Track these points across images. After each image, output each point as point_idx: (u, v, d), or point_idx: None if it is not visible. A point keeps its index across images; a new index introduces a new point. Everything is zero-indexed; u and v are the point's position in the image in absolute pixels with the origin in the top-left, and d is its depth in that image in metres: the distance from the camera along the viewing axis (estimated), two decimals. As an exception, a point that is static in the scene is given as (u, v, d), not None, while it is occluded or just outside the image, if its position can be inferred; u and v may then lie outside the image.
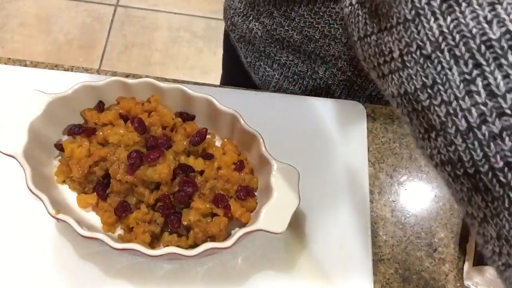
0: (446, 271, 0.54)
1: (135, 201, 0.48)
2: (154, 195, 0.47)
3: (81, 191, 0.49)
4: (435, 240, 0.55)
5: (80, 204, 0.49)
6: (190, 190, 0.48)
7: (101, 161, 0.48)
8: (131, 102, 0.51)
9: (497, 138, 0.25)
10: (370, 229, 0.54)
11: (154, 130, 0.50)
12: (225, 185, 0.49)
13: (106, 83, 0.51)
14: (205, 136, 0.51)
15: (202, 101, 0.51)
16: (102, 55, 1.71)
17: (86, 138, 0.50)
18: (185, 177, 0.48)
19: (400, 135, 0.61)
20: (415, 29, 0.28)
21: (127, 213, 0.47)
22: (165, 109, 0.52)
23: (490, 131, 0.25)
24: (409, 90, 0.29)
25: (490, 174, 0.26)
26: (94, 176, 0.49)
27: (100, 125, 0.51)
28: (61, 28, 1.74)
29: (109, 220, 0.47)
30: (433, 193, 0.58)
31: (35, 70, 0.58)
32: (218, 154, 0.51)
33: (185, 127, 0.51)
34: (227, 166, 0.50)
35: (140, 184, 0.47)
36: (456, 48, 0.26)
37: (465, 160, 0.27)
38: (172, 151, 0.49)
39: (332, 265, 0.51)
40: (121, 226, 0.48)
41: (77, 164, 0.48)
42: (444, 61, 0.27)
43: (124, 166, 0.47)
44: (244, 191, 0.49)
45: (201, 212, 0.47)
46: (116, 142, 0.49)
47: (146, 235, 0.46)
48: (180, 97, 0.52)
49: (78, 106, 0.51)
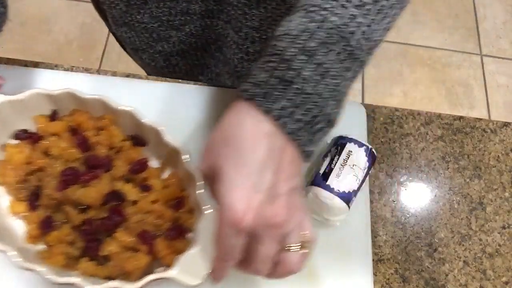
0: (446, 271, 0.54)
1: (62, 219, 0.46)
2: (81, 216, 0.45)
3: (16, 197, 0.48)
4: (435, 240, 0.55)
5: (12, 210, 0.47)
6: (118, 219, 0.45)
7: (39, 171, 0.47)
8: (83, 116, 0.50)
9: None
10: (370, 229, 0.54)
11: (99, 150, 0.48)
12: (157, 221, 0.46)
13: (59, 94, 0.49)
14: (146, 167, 0.49)
15: (151, 130, 0.49)
16: (102, 55, 1.71)
17: (30, 145, 0.48)
18: (116, 205, 0.46)
19: (400, 135, 0.61)
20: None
21: (49, 230, 0.45)
22: (116, 130, 0.50)
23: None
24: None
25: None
26: (29, 185, 0.47)
27: (49, 134, 0.49)
28: (61, 28, 1.74)
29: (33, 232, 0.45)
30: (433, 193, 0.58)
31: (35, 70, 0.58)
32: (159, 186, 0.48)
33: (131, 152, 0.49)
34: (164, 201, 0.48)
35: (69, 203, 0.45)
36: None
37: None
38: (109, 175, 0.47)
39: (332, 265, 0.51)
40: (44, 241, 0.46)
41: (13, 169, 0.47)
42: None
43: (56, 181, 0.45)
44: (176, 231, 0.46)
45: (123, 245, 0.45)
46: (56, 155, 0.47)
47: (61, 257, 0.44)
48: (131, 121, 0.50)
49: (33, 112, 0.50)
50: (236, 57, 0.66)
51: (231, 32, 0.62)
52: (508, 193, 0.59)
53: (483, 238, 0.56)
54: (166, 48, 0.67)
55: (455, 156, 0.61)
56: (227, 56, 0.68)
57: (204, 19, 0.61)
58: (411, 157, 0.60)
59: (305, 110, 0.35)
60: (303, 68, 0.35)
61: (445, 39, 1.89)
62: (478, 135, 0.63)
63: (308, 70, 0.35)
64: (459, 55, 1.87)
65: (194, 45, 0.67)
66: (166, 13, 0.61)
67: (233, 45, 0.64)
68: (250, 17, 0.58)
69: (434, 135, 0.62)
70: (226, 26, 0.62)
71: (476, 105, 1.77)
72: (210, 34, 0.64)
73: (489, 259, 0.55)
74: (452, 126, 0.63)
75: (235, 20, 0.59)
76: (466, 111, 1.74)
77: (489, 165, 0.61)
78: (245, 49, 0.64)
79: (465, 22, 1.96)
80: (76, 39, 1.73)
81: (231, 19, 0.60)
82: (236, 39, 0.63)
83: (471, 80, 1.82)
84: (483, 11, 1.98)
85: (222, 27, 0.62)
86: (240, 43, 0.63)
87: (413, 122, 0.63)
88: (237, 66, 0.68)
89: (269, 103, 0.35)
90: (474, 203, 0.58)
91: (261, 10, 0.57)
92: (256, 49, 0.64)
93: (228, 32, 0.63)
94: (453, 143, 0.62)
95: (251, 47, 0.64)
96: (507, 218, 0.58)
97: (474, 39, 1.92)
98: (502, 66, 1.87)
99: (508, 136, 0.63)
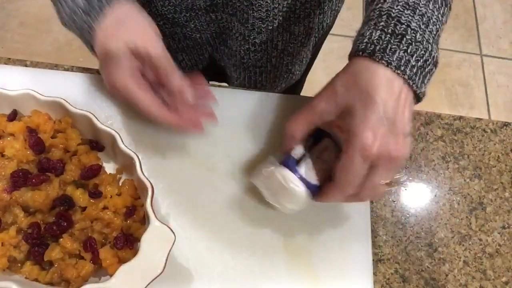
0: (446, 271, 0.54)
1: (10, 221, 0.45)
2: (28, 219, 0.45)
3: None
4: (435, 240, 0.55)
5: None
6: (64, 224, 0.45)
7: None
8: (42, 118, 0.50)
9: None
10: (370, 229, 0.54)
11: (54, 152, 0.48)
12: (104, 229, 0.46)
13: (17, 94, 0.49)
14: (98, 172, 0.48)
15: (108, 136, 0.49)
16: (102, 55, 1.71)
17: None
18: (63, 210, 0.45)
19: (400, 135, 0.61)
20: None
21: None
22: (74, 133, 0.50)
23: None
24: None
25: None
26: None
27: (6, 134, 0.49)
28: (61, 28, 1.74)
29: None
30: (433, 193, 0.58)
31: (35, 70, 0.58)
32: (112, 193, 0.48)
33: (86, 157, 0.49)
34: (115, 209, 0.47)
35: (17, 205, 0.45)
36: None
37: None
38: (60, 179, 0.47)
39: (332, 265, 0.51)
40: None
41: None
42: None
43: (5, 182, 0.45)
44: (123, 240, 0.46)
45: (67, 251, 0.44)
46: (10, 156, 0.47)
47: (3, 259, 0.43)
48: (88, 125, 0.49)
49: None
50: (242, 48, 0.67)
51: (236, 24, 0.62)
52: (508, 193, 0.59)
53: (483, 238, 0.56)
54: (172, 45, 0.68)
55: (455, 156, 0.61)
56: (233, 49, 0.68)
57: (209, 14, 0.62)
58: (411, 157, 0.60)
59: (418, 56, 0.41)
60: (410, 21, 0.41)
61: (445, 39, 1.89)
62: (478, 135, 0.63)
63: (414, 22, 0.41)
64: (459, 55, 1.87)
65: (199, 40, 0.67)
66: (171, 11, 0.61)
67: (239, 37, 0.65)
68: (257, 8, 0.59)
69: (434, 135, 0.62)
70: (231, 19, 0.62)
71: (476, 105, 1.77)
72: (214, 28, 0.65)
73: (489, 259, 0.55)
74: (452, 126, 0.63)
75: (241, 12, 0.60)
76: (466, 111, 1.74)
77: (489, 165, 0.61)
78: (251, 40, 0.64)
79: (465, 22, 1.96)
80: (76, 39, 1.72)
81: (236, 11, 0.60)
82: (242, 31, 0.63)
83: (471, 80, 1.82)
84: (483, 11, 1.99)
85: (226, 20, 0.63)
86: (246, 34, 0.63)
87: (413, 122, 0.63)
88: (243, 58, 0.69)
89: (388, 56, 0.41)
90: (474, 203, 0.58)
91: (267, 0, 0.58)
92: (263, 39, 0.65)
93: (234, 25, 0.63)
94: (453, 143, 0.62)
95: (258, 37, 0.64)
96: (507, 218, 0.58)
97: (474, 39, 1.92)
98: (502, 66, 1.87)
99: (508, 136, 0.63)
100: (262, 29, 0.63)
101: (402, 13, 0.42)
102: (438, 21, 0.44)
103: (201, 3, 0.59)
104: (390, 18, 0.42)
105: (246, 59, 0.69)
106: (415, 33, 0.41)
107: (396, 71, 0.41)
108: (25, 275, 0.44)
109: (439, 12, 0.44)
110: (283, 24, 0.63)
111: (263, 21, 0.61)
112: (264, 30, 0.63)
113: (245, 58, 0.68)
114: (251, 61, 0.69)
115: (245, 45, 0.66)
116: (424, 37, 0.42)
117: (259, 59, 0.69)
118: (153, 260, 0.42)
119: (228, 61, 0.72)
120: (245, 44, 0.65)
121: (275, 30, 0.64)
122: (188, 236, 0.51)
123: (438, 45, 0.44)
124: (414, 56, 0.41)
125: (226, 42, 0.68)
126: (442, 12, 0.44)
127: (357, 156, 0.40)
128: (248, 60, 0.69)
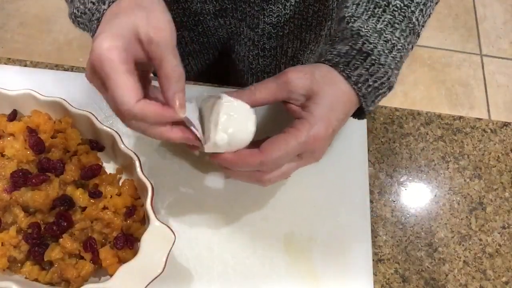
0: (446, 271, 0.54)
1: (10, 221, 0.45)
2: (28, 219, 0.45)
3: None
4: (435, 240, 0.55)
5: None
6: (64, 224, 0.45)
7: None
8: (42, 118, 0.50)
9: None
10: (370, 229, 0.54)
11: (54, 152, 0.48)
12: (104, 229, 0.46)
13: (17, 94, 0.49)
14: (98, 172, 0.48)
15: (108, 136, 0.49)
16: (102, 55, 1.71)
17: None
18: (63, 210, 0.45)
19: (400, 135, 0.61)
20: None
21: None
22: (74, 133, 0.50)
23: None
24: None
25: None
26: None
27: (6, 134, 0.49)
28: (61, 28, 1.74)
29: None
30: (433, 193, 0.58)
31: (35, 70, 0.58)
32: (112, 193, 0.48)
33: (86, 157, 0.49)
34: (115, 209, 0.47)
35: (17, 205, 0.45)
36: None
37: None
38: (60, 179, 0.47)
39: (332, 265, 0.51)
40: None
41: None
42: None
43: (5, 182, 0.45)
44: (123, 240, 0.46)
45: (67, 251, 0.44)
46: (10, 156, 0.47)
47: (3, 259, 0.44)
48: (88, 125, 0.50)
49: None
50: (251, 53, 0.66)
51: (246, 29, 0.62)
52: (508, 193, 0.59)
53: (483, 238, 0.56)
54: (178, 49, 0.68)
55: (455, 156, 0.61)
56: (241, 54, 0.68)
57: (217, 19, 0.62)
58: (411, 157, 0.60)
59: (376, 78, 0.43)
60: (377, 43, 0.43)
61: (445, 39, 1.89)
62: (478, 135, 0.63)
63: (380, 45, 0.43)
64: (459, 55, 1.87)
65: (206, 44, 0.67)
66: (180, 14, 0.61)
67: (248, 42, 0.64)
68: (268, 13, 0.59)
69: (434, 135, 0.62)
70: (240, 24, 0.62)
71: (476, 105, 1.77)
72: (222, 32, 0.65)
73: (489, 259, 0.55)
74: (452, 126, 0.63)
75: (251, 17, 0.60)
76: (466, 111, 1.74)
77: (489, 165, 0.61)
78: (261, 45, 0.64)
79: (465, 22, 1.96)
80: (76, 39, 1.73)
81: (246, 16, 0.60)
82: (251, 36, 0.63)
83: (471, 80, 1.82)
84: (483, 11, 1.98)
85: (235, 25, 0.62)
86: (256, 39, 0.63)
87: (413, 122, 0.63)
88: (252, 63, 0.68)
89: (349, 70, 0.43)
90: (474, 203, 0.58)
91: (279, 6, 0.58)
92: (272, 45, 0.65)
93: (243, 30, 0.63)
94: (453, 143, 0.62)
95: (267, 43, 0.64)
96: (507, 218, 0.58)
97: (474, 39, 1.92)
98: (502, 66, 1.87)
99: (508, 136, 0.63)
100: (273, 35, 0.62)
101: (371, 35, 0.43)
102: (404, 48, 0.45)
103: (210, 8, 0.59)
104: (359, 37, 0.43)
105: (255, 65, 0.68)
106: (379, 55, 0.43)
107: (354, 85, 0.43)
108: (25, 275, 0.44)
109: (406, 41, 0.45)
110: (294, 31, 0.63)
111: (273, 27, 0.61)
112: (275, 35, 0.62)
113: (254, 63, 0.68)
114: (259, 66, 0.69)
115: (254, 50, 0.66)
116: (386, 61, 0.43)
117: (268, 65, 0.69)
118: (153, 260, 0.42)
119: (236, 66, 0.71)
120: (255, 49, 0.65)
121: (285, 37, 0.63)
122: (188, 236, 0.51)
123: (399, 71, 0.46)
124: (373, 77, 0.43)
125: (234, 47, 0.67)
126: (409, 41, 0.45)
127: (303, 138, 0.41)
128: (257, 66, 0.69)
